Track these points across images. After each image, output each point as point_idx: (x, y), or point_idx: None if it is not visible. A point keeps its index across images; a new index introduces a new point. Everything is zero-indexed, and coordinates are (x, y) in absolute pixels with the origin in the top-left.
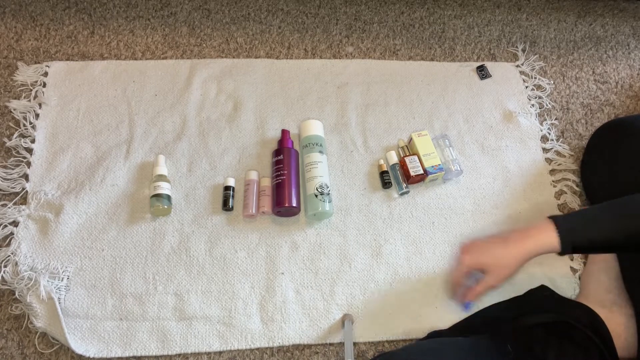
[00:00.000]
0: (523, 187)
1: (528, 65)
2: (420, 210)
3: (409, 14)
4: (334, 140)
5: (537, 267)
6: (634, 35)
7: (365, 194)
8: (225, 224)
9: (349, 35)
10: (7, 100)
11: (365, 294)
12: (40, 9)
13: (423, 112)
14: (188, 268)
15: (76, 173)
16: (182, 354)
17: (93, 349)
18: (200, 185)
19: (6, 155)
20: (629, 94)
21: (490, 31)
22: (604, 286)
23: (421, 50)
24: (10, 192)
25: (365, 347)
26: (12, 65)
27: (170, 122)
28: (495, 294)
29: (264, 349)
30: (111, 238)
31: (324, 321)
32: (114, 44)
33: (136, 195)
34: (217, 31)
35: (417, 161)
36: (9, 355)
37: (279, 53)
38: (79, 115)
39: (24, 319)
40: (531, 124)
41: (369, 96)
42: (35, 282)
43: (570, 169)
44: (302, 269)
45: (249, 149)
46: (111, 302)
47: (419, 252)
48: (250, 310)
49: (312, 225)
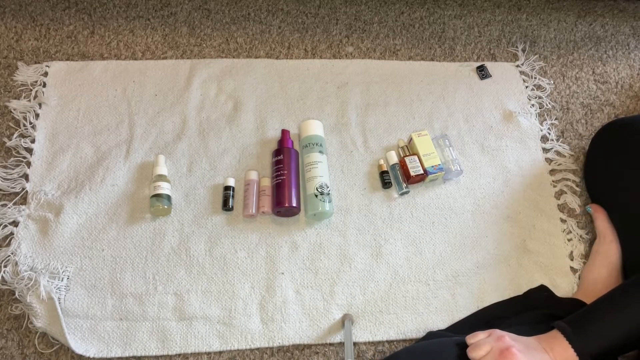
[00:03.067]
0: (523, 187)
1: (528, 65)
2: (420, 210)
3: (409, 14)
4: (334, 140)
5: (537, 267)
6: (634, 35)
7: (365, 194)
8: (225, 224)
9: (349, 35)
10: (7, 100)
11: (365, 294)
12: (40, 9)
13: (423, 112)
14: (188, 268)
15: (76, 173)
16: (182, 354)
17: (93, 349)
18: (200, 185)
19: (6, 155)
20: (629, 94)
21: (490, 31)
22: (604, 282)
23: (421, 50)
24: (10, 192)
25: (365, 347)
26: (12, 65)
27: (170, 122)
28: (495, 294)
29: (264, 349)
30: (111, 238)
31: (324, 321)
32: (114, 44)
33: (136, 195)
34: (217, 31)
35: (417, 161)
36: (9, 355)
37: (279, 53)
38: (79, 115)
39: (24, 319)
40: (531, 124)
41: (369, 96)
42: (35, 282)
43: (570, 169)
44: (302, 269)
45: (249, 149)
46: (111, 302)
47: (419, 252)
48: (250, 310)
49: (312, 225)
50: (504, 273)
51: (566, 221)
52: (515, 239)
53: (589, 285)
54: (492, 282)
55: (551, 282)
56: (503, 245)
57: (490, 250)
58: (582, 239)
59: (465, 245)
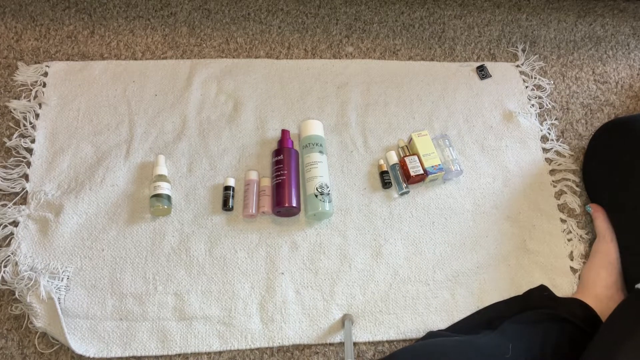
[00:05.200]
0: (523, 187)
1: (528, 65)
2: (420, 210)
3: (409, 14)
4: (334, 140)
5: (537, 267)
6: (634, 35)
7: (365, 194)
8: (225, 224)
9: (349, 35)
10: (7, 100)
11: (365, 294)
12: (40, 9)
13: (423, 112)
14: (188, 268)
15: (76, 173)
16: (182, 354)
17: (93, 349)
18: (200, 185)
19: (6, 155)
20: (629, 94)
21: (490, 31)
22: (603, 282)
23: (421, 50)
24: (10, 192)
25: (365, 347)
26: (12, 65)
27: (170, 122)
28: (495, 294)
29: (264, 349)
30: (111, 238)
31: (324, 321)
32: (114, 44)
33: (136, 195)
34: (217, 31)
35: (417, 161)
36: (9, 355)
37: (279, 53)
38: (79, 115)
39: (24, 319)
40: (531, 124)
41: (369, 96)
42: (35, 282)
43: (570, 169)
44: (302, 269)
45: (249, 149)
46: (111, 302)
47: (419, 252)
48: (250, 310)
49: (312, 225)
50: (504, 273)
51: (566, 221)
52: (515, 239)
53: (589, 285)
54: (492, 282)
55: (551, 282)
56: (503, 245)
57: (490, 250)
58: (582, 239)
59: (465, 245)
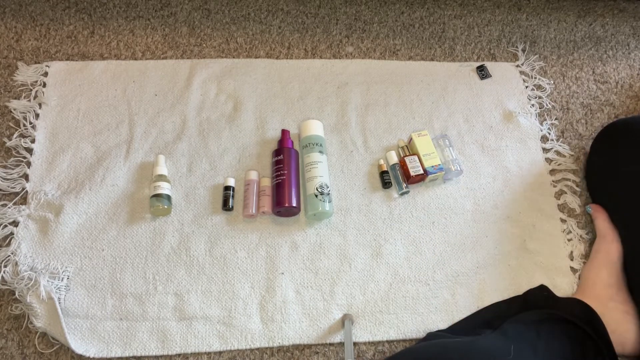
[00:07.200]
0: (523, 187)
1: (528, 65)
2: (420, 210)
3: (409, 14)
4: (334, 140)
5: (537, 267)
6: (634, 35)
7: (365, 194)
8: (225, 224)
9: (349, 35)
10: (7, 100)
11: (365, 294)
12: (40, 9)
13: (423, 112)
14: (188, 268)
15: (76, 173)
16: (182, 354)
17: (93, 349)
18: (200, 185)
19: (6, 155)
20: (629, 94)
21: (490, 31)
22: (603, 281)
23: (421, 50)
24: (10, 192)
25: (365, 347)
26: (12, 65)
27: (170, 122)
28: (495, 294)
29: (264, 349)
30: (111, 238)
31: (324, 321)
32: (114, 44)
33: (136, 195)
34: (217, 31)
35: (417, 161)
36: (9, 355)
37: (279, 53)
38: (79, 115)
39: (24, 319)
40: (531, 124)
41: (369, 96)
42: (35, 282)
43: (570, 169)
44: (302, 269)
45: (249, 149)
46: (111, 302)
47: (419, 252)
48: (250, 310)
49: (312, 225)
50: (504, 273)
51: (566, 221)
52: (515, 239)
53: (589, 285)
54: (492, 282)
55: (551, 282)
56: (503, 245)
57: (490, 250)
58: (582, 239)
59: (465, 245)
